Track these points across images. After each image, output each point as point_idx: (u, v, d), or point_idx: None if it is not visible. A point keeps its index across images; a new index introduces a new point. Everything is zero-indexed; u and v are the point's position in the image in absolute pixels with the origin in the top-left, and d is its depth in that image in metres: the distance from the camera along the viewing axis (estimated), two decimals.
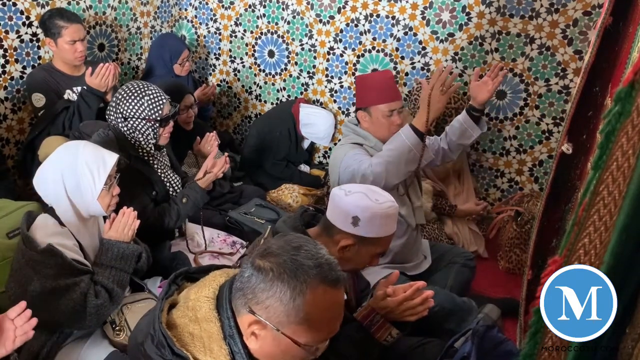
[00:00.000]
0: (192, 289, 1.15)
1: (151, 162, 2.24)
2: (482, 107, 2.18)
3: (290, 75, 3.70)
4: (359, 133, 2.24)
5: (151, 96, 2.14)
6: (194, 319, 1.08)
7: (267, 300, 1.02)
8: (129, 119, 2.14)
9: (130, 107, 2.13)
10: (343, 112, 3.58)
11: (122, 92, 2.16)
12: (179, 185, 2.32)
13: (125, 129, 2.15)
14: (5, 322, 1.28)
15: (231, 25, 3.82)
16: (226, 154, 2.38)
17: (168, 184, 2.28)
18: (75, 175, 1.71)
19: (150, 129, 2.16)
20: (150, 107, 2.13)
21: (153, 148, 2.22)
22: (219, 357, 1.05)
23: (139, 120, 2.13)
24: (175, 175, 2.33)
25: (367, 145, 2.21)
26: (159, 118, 2.15)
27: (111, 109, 2.18)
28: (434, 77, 2.00)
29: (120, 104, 2.14)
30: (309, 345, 1.05)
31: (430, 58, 3.21)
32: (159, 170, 2.25)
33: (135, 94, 2.14)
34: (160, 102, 2.15)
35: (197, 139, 2.60)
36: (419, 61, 3.24)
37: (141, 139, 2.17)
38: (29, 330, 1.29)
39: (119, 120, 2.15)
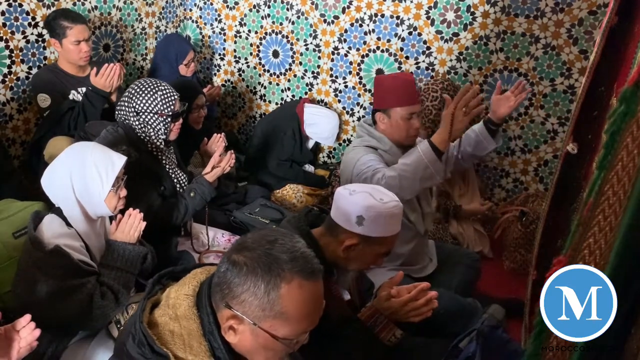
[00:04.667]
0: (172, 287, 1.15)
1: (160, 157, 2.26)
2: (500, 122, 2.14)
3: (295, 75, 3.70)
4: (374, 135, 2.20)
5: (164, 92, 2.19)
6: (174, 317, 1.08)
7: (242, 295, 1.02)
8: (141, 114, 2.17)
9: (143, 101, 2.17)
10: (347, 112, 3.57)
11: (135, 88, 2.20)
12: (186, 182, 2.34)
13: (137, 123, 2.18)
14: (12, 333, 1.30)
15: (236, 26, 3.83)
16: (231, 151, 2.39)
17: (175, 180, 2.30)
18: (83, 177, 1.71)
19: (161, 124, 2.19)
20: (163, 102, 2.18)
21: (163, 143, 2.25)
22: (199, 353, 1.05)
23: (151, 114, 2.17)
24: (182, 173, 2.36)
25: (381, 149, 2.17)
26: (170, 113, 2.19)
27: (122, 104, 2.21)
28: (458, 95, 1.93)
29: (133, 98, 2.18)
30: (288, 338, 1.04)
31: (435, 58, 3.20)
32: (167, 166, 2.28)
33: (148, 89, 2.18)
34: (172, 97, 2.20)
35: (204, 140, 2.62)
36: (423, 61, 3.24)
37: (152, 134, 2.21)
38: (33, 341, 1.30)
39: (130, 115, 2.18)
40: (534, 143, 3.12)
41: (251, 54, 3.83)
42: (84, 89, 2.74)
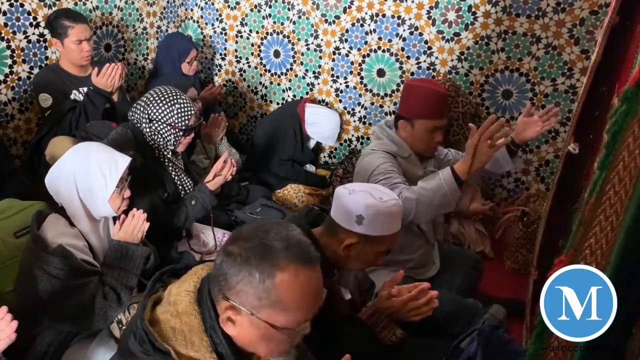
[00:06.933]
0: (174, 284, 1.15)
1: (166, 164, 2.25)
2: (522, 144, 2.13)
3: (296, 75, 3.70)
4: (395, 140, 2.16)
5: (182, 105, 2.17)
6: (175, 314, 1.08)
7: (238, 285, 1.02)
8: (154, 122, 2.15)
9: (160, 110, 2.15)
10: (348, 112, 3.57)
11: (154, 94, 2.17)
12: (191, 188, 2.33)
13: (148, 130, 2.17)
14: None
15: (237, 26, 3.83)
16: (231, 159, 2.37)
17: (180, 187, 2.29)
18: (87, 177, 1.72)
19: (172, 136, 2.18)
20: (179, 115, 2.16)
21: (170, 153, 2.24)
22: (200, 349, 1.05)
23: (165, 125, 2.16)
24: (189, 179, 2.34)
25: (400, 156, 2.13)
26: (184, 127, 2.18)
27: (138, 107, 2.19)
28: (483, 127, 1.89)
29: (150, 105, 2.16)
30: (287, 328, 1.04)
31: (436, 58, 3.20)
32: (173, 173, 2.27)
33: (168, 100, 2.16)
34: (190, 112, 2.18)
35: (203, 123, 2.61)
36: (424, 61, 3.24)
37: (161, 143, 2.20)
38: (12, 333, 1.29)
39: (143, 120, 2.17)
40: (535, 143, 3.12)
41: (252, 53, 3.83)
42: (85, 89, 2.74)
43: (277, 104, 3.84)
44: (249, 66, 3.88)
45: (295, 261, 1.02)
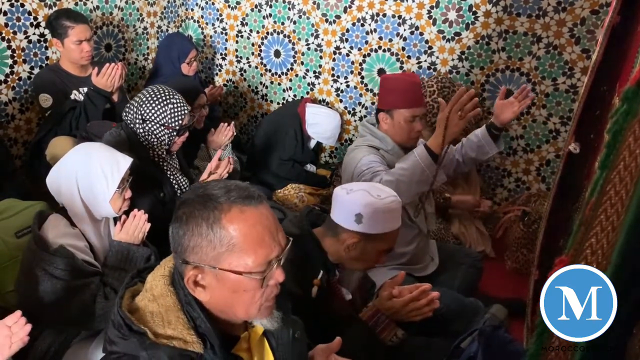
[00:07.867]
0: (150, 274, 1.16)
1: (161, 164, 2.25)
2: (502, 126, 2.14)
3: (297, 75, 3.70)
4: (376, 135, 2.20)
5: (175, 104, 2.15)
6: (152, 299, 1.09)
7: (190, 242, 1.03)
8: (147, 122, 2.14)
9: (153, 111, 2.13)
10: (349, 112, 3.57)
11: (147, 94, 2.16)
12: (187, 187, 2.32)
13: (141, 130, 2.16)
14: (3, 329, 1.30)
15: (237, 25, 3.83)
16: (229, 156, 2.37)
17: (177, 186, 2.28)
18: (89, 177, 1.72)
19: (166, 136, 2.17)
20: (172, 115, 2.14)
21: (165, 153, 2.24)
22: (177, 326, 1.05)
23: (158, 125, 2.14)
24: (184, 178, 2.34)
25: (383, 149, 2.17)
26: (177, 127, 2.16)
27: (131, 108, 2.17)
28: (453, 99, 1.91)
29: (143, 105, 2.14)
30: (252, 272, 1.03)
31: (437, 57, 3.20)
32: (168, 172, 2.26)
33: (160, 99, 2.14)
34: (183, 112, 2.16)
35: (211, 130, 2.61)
36: (425, 60, 3.24)
37: (155, 143, 2.19)
38: (24, 336, 1.30)
39: (136, 121, 2.15)
40: (536, 143, 3.11)
41: (253, 53, 3.83)
42: (85, 89, 2.74)
43: (278, 103, 3.84)
44: (250, 66, 3.88)
45: (237, 202, 1.03)
